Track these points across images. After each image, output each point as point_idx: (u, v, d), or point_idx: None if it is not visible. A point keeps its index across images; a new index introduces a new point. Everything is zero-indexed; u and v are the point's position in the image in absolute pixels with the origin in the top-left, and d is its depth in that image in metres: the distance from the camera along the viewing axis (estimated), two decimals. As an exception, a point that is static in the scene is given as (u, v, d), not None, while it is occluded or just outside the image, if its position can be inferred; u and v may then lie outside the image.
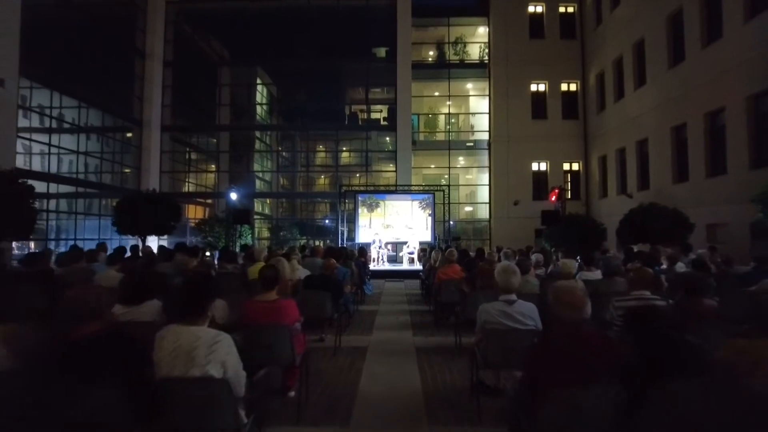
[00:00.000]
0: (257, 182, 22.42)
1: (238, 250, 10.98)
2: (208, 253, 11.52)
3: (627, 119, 17.26)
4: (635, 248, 9.57)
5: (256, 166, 22.90)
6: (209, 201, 23.86)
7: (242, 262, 8.66)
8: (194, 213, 23.12)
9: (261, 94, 22.94)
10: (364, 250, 11.17)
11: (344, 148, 22.70)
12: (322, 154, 25.15)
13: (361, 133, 21.55)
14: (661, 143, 15.09)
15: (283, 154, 24.56)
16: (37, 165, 15.27)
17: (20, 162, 13.91)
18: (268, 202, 26.08)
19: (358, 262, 8.72)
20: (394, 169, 20.21)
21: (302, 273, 5.87)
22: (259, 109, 22.68)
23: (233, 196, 14.57)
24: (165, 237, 14.71)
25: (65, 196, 16.26)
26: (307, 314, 4.38)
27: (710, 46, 12.82)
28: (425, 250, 18.38)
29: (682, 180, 14.24)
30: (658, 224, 9.99)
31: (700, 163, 13.23)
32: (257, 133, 22.94)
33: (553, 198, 13.60)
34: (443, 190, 17.00)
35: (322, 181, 25.07)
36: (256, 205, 23.76)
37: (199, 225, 15.35)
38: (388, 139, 21.93)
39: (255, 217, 23.08)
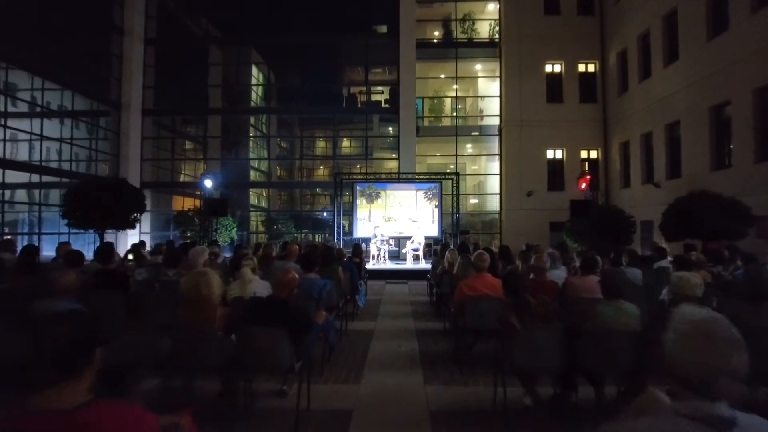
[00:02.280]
0: (251, 172, 20.73)
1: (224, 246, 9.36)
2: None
3: (654, 100, 15.57)
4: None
5: (247, 154, 21.19)
6: (199, 192, 22.23)
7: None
8: (182, 205, 21.48)
9: (252, 74, 21.18)
10: (359, 247, 9.03)
11: (342, 134, 20.98)
12: (318, 141, 23.48)
13: (360, 116, 19.84)
14: (697, 125, 13.42)
15: (275, 140, 22.80)
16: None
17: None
18: (264, 194, 24.46)
19: (348, 265, 6.85)
20: (396, 156, 18.55)
21: (260, 288, 4.03)
22: (249, 90, 20.94)
23: (208, 184, 12.81)
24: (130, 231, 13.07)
25: (27, 186, 14.67)
26: (252, 363, 2.73)
27: (762, 10, 11.11)
28: (430, 245, 16.76)
29: (723, 166, 12.63)
30: (711, 216, 8.31)
31: (747, 147, 11.57)
32: (249, 118, 21.24)
33: (583, 185, 11.83)
34: (452, 178, 15.29)
35: (321, 170, 23.41)
36: (251, 197, 22.18)
37: (175, 218, 13.72)
38: (390, 127, 20.16)
39: (250, 209, 21.50)
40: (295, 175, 23.13)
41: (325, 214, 21.91)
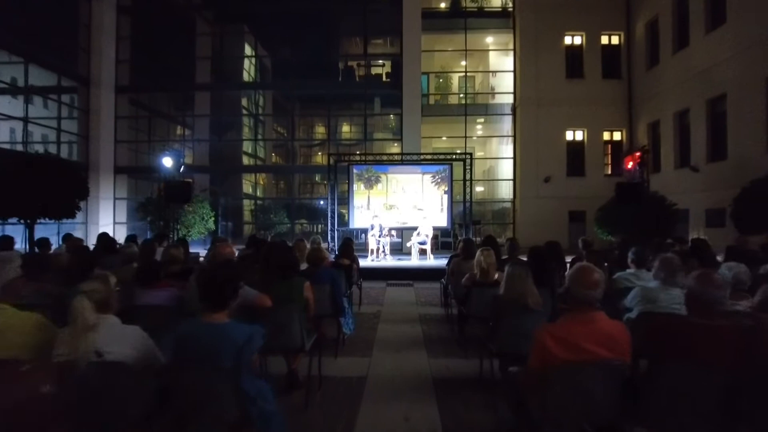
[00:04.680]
0: (236, 155, 18.82)
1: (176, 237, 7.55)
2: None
3: (693, 73, 13.66)
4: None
5: (234, 135, 19.25)
6: (189, 180, 20.32)
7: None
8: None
9: (238, 46, 19.09)
10: (349, 244, 6.64)
11: (337, 112, 18.96)
12: (312, 120, 21.52)
13: (359, 92, 17.85)
14: (749, 99, 11.54)
15: (263, 119, 20.82)
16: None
17: None
18: (251, 179, 22.56)
19: (326, 274, 4.52)
20: (399, 137, 16.64)
21: (117, 344, 2.05)
22: (234, 65, 18.93)
23: (167, 163, 10.71)
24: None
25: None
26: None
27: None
28: (437, 237, 14.76)
29: (782, 146, 10.78)
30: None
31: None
32: (236, 96, 19.25)
33: (630, 165, 9.73)
34: (464, 159, 13.34)
35: (314, 153, 21.51)
36: (239, 183, 20.31)
37: (140, 207, 11.85)
38: (392, 104, 18.13)
39: (243, 197, 19.63)
40: (286, 159, 21.25)
41: (321, 202, 20.06)
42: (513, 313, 3.18)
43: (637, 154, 9.08)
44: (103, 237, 6.81)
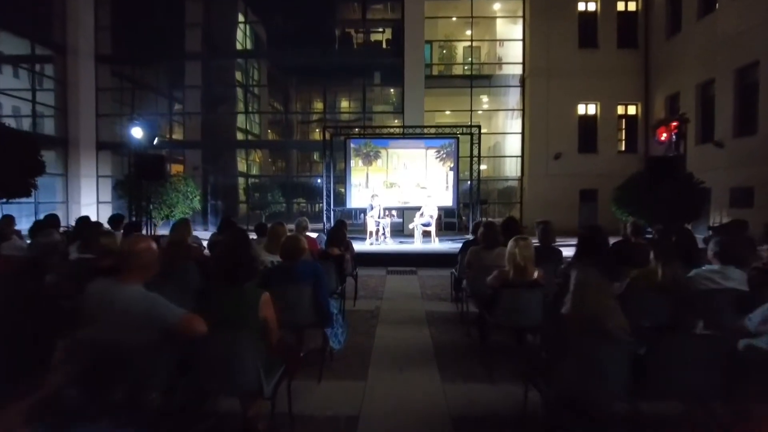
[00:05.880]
0: (226, 129, 17.73)
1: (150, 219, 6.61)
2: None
3: (720, 40, 12.59)
4: None
5: (226, 109, 18.10)
6: (181, 157, 19.32)
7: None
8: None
9: (231, 13, 17.76)
10: (340, 228, 5.54)
11: (335, 83, 17.72)
12: (306, 92, 20.31)
13: (357, 60, 16.66)
14: (785, 67, 10.55)
15: (253, 90, 19.62)
16: None
17: None
18: (258, 160, 21.46)
19: (306, 269, 3.47)
20: (400, 110, 15.56)
21: None
22: (227, 32, 17.62)
23: (136, 134, 9.50)
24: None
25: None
26: None
27: None
28: (440, 218, 13.68)
29: (822, 119, 9.84)
30: None
31: None
32: (230, 66, 18.02)
33: (664, 136, 8.48)
34: (473, 132, 12.30)
35: (310, 127, 20.38)
36: (239, 163, 19.27)
37: (118, 185, 10.86)
38: (393, 74, 16.91)
39: (238, 175, 18.60)
40: (282, 134, 20.15)
41: (319, 180, 19.08)
42: (582, 341, 2.27)
43: (674, 123, 7.98)
44: (51, 217, 5.93)
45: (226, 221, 5.72)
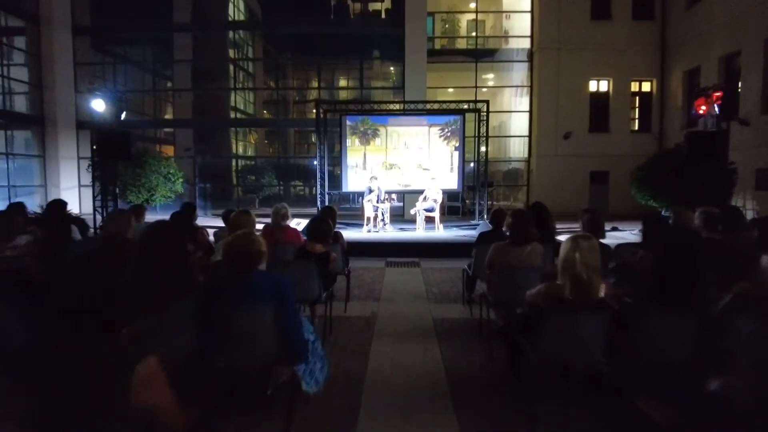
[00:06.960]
0: (210, 106, 16.73)
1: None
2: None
3: (747, 8, 11.61)
4: None
5: (218, 85, 17.06)
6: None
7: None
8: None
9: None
10: (326, 219, 4.13)
11: (330, 56, 16.64)
12: (303, 66, 19.24)
13: (354, 30, 15.56)
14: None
15: (249, 68, 18.55)
16: None
17: None
18: (253, 141, 20.51)
19: (262, 284, 2.34)
20: (400, 85, 14.56)
21: None
22: (212, 1, 16.49)
23: (98, 107, 8.44)
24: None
25: None
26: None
27: None
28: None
29: None
30: None
31: None
32: (221, 39, 16.92)
33: (703, 109, 7.37)
34: (479, 109, 11.34)
35: (312, 111, 19.40)
36: (232, 143, 18.33)
37: (89, 166, 9.91)
38: (392, 47, 15.81)
39: (232, 156, 17.67)
40: (276, 113, 19.14)
41: (315, 162, 18.19)
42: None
43: (716, 94, 6.99)
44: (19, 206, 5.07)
45: (228, 212, 4.71)
